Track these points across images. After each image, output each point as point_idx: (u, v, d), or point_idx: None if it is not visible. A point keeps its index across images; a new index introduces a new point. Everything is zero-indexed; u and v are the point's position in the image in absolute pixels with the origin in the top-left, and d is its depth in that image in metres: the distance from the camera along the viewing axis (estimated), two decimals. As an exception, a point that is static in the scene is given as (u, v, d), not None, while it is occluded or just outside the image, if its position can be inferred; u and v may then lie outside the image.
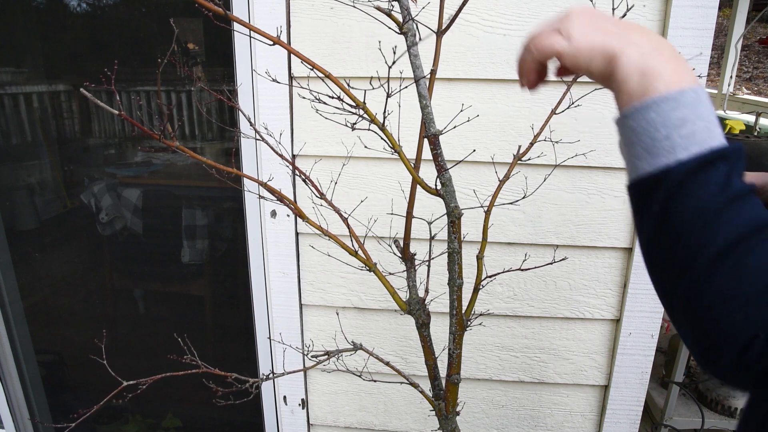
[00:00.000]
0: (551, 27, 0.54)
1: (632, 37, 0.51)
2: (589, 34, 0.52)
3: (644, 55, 0.50)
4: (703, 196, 0.45)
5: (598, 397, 1.54)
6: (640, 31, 0.52)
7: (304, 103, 1.34)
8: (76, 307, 2.06)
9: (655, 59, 0.49)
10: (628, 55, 0.50)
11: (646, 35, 0.52)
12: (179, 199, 1.94)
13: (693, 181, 0.45)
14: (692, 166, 0.45)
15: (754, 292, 0.43)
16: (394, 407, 1.63)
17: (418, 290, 1.02)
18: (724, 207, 0.44)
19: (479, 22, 1.25)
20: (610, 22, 0.52)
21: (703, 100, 0.48)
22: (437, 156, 0.87)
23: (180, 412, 2.05)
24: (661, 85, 0.48)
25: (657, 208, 0.47)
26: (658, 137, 0.47)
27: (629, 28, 0.52)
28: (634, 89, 0.49)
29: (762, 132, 3.08)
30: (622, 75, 0.50)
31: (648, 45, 0.50)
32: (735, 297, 0.43)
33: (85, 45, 1.79)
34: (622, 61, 0.50)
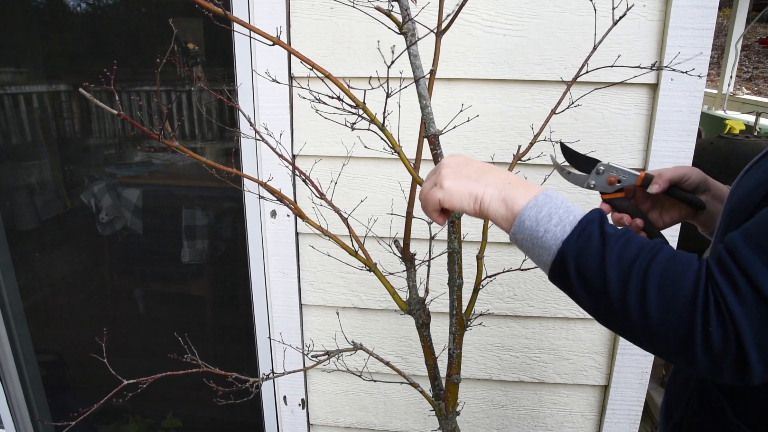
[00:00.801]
0: (431, 182, 0.69)
1: (487, 179, 0.65)
2: (456, 184, 0.66)
3: (499, 188, 0.64)
4: (593, 252, 0.57)
5: (598, 397, 1.54)
6: (491, 172, 0.67)
7: (304, 103, 1.35)
8: (76, 307, 2.06)
9: (508, 188, 0.64)
10: (488, 194, 0.64)
11: (496, 173, 0.66)
12: (179, 199, 1.94)
13: (582, 246, 0.57)
14: (574, 237, 0.58)
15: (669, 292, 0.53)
16: (394, 407, 1.63)
17: (418, 290, 1.02)
18: (613, 249, 0.56)
19: (479, 22, 1.25)
20: (470, 169, 0.67)
21: (553, 196, 0.62)
22: (437, 156, 0.87)
23: (180, 412, 2.05)
24: (520, 201, 0.62)
25: (574, 279, 0.58)
26: (540, 235, 0.60)
27: (483, 171, 0.67)
28: (504, 214, 0.63)
29: (762, 132, 3.08)
30: (492, 209, 0.64)
31: (499, 181, 0.65)
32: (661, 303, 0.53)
33: (85, 45, 1.79)
34: (485, 199, 0.64)
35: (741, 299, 0.50)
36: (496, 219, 0.65)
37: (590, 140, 1.30)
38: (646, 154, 1.29)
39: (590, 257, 0.57)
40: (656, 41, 1.23)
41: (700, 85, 1.21)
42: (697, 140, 1.27)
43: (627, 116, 1.28)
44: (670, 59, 1.19)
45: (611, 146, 1.30)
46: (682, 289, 0.52)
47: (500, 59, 1.27)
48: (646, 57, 1.24)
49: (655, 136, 1.26)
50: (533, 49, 1.26)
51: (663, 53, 1.21)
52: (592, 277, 0.57)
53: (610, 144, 1.30)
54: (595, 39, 1.00)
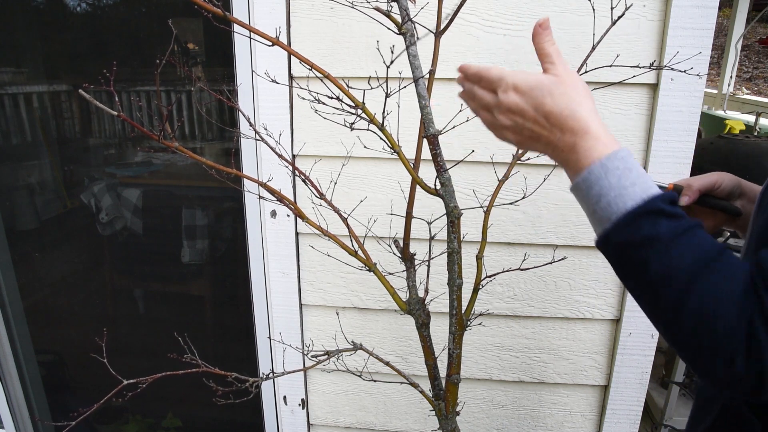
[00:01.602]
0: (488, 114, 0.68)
1: (548, 140, 0.63)
2: (522, 145, 0.67)
3: (558, 151, 0.63)
4: (635, 250, 0.54)
5: (598, 397, 1.54)
6: (549, 128, 0.62)
7: (303, 103, 1.35)
8: (76, 307, 2.06)
9: (566, 154, 0.62)
10: (551, 154, 0.64)
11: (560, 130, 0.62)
12: (179, 199, 1.94)
13: (627, 241, 0.54)
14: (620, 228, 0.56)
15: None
16: (394, 407, 1.63)
17: (418, 290, 1.02)
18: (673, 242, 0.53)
19: (479, 22, 1.25)
20: (531, 123, 0.62)
21: (610, 169, 0.57)
22: (436, 156, 0.87)
23: (180, 412, 2.05)
24: (571, 172, 0.63)
25: (616, 265, 0.59)
26: (590, 209, 0.60)
27: (543, 127, 0.62)
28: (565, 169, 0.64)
29: (762, 132, 3.08)
30: (558, 162, 0.64)
31: (562, 138, 0.62)
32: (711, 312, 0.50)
33: (85, 45, 1.79)
34: (551, 154, 0.64)
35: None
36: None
37: (590, 140, 1.30)
38: (646, 154, 1.29)
39: (632, 255, 0.54)
40: (656, 41, 1.22)
41: (700, 85, 1.21)
42: (697, 140, 1.27)
43: (627, 116, 1.28)
44: (669, 59, 1.19)
45: (611, 146, 1.30)
46: (723, 318, 0.49)
47: (500, 59, 1.27)
48: (645, 57, 1.24)
49: (655, 136, 1.26)
50: (533, 49, 1.26)
51: (663, 53, 1.21)
52: (633, 273, 0.55)
53: (610, 144, 1.30)
54: (594, 39, 1.00)
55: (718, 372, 0.50)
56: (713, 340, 0.49)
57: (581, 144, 0.59)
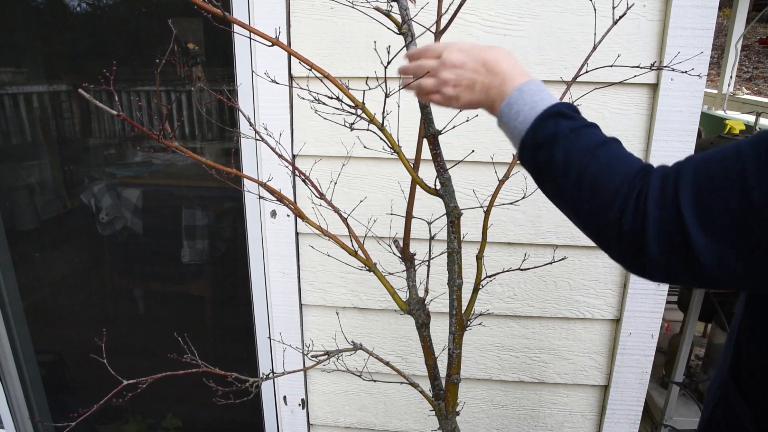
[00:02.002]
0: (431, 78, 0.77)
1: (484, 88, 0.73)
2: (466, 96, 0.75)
3: (486, 88, 0.73)
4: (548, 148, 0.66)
5: (598, 397, 1.54)
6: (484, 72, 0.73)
7: (303, 103, 1.35)
8: (76, 307, 2.06)
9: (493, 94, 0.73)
10: (485, 103, 0.74)
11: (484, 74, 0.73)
12: (179, 199, 1.94)
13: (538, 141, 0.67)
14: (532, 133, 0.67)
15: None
16: (394, 407, 1.63)
17: (417, 290, 1.02)
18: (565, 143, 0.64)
19: (479, 22, 1.25)
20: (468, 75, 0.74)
21: (525, 90, 0.69)
22: (437, 156, 0.87)
23: (180, 412, 2.05)
24: (497, 99, 0.72)
25: (531, 167, 0.73)
26: (512, 128, 0.71)
27: (476, 72, 0.73)
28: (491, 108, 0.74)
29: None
30: (487, 108, 0.75)
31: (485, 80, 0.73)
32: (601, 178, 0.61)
33: (85, 45, 1.79)
34: (484, 105, 0.75)
35: (662, 202, 0.57)
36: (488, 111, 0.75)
37: (590, 140, 1.30)
38: (646, 154, 1.29)
39: (542, 155, 0.66)
40: (656, 41, 1.22)
41: (700, 85, 1.21)
42: (697, 140, 1.27)
43: (627, 116, 1.28)
44: (670, 59, 1.19)
45: (611, 146, 1.30)
46: (612, 180, 0.60)
47: (500, 59, 1.27)
48: (646, 57, 1.23)
49: (655, 136, 1.26)
50: (533, 49, 1.26)
51: (663, 53, 1.21)
52: (546, 172, 0.68)
53: (610, 144, 1.30)
54: (595, 39, 1.00)
55: (610, 237, 0.60)
56: (603, 200, 0.60)
57: (507, 79, 0.71)
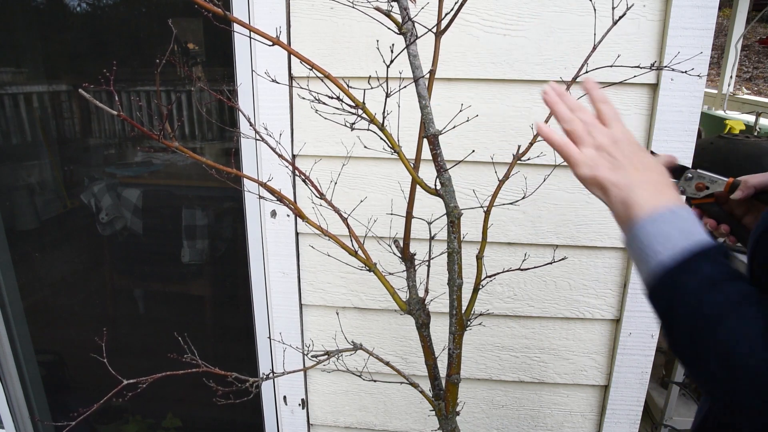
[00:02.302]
0: (583, 139, 0.65)
1: (628, 173, 0.61)
2: (597, 170, 0.63)
3: (628, 187, 0.61)
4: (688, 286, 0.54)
5: (598, 397, 1.54)
6: (637, 166, 0.62)
7: (304, 103, 1.35)
8: (76, 307, 2.06)
9: (636, 191, 0.60)
10: (615, 194, 0.61)
11: (641, 170, 0.62)
12: (179, 199, 1.94)
13: (680, 276, 0.54)
14: (674, 266, 0.55)
15: None
16: (394, 407, 1.63)
17: (418, 290, 1.02)
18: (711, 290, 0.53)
19: (479, 22, 1.25)
20: (622, 157, 0.62)
21: (680, 214, 0.57)
22: (437, 156, 0.87)
23: (180, 412, 2.05)
24: (639, 211, 0.58)
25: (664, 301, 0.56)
26: (648, 252, 0.57)
27: (631, 163, 0.62)
28: (624, 219, 0.61)
29: (762, 132, 3.08)
30: (613, 207, 0.62)
31: (637, 178, 0.61)
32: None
33: (85, 45, 1.79)
34: (611, 194, 0.62)
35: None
36: (615, 216, 0.63)
37: (590, 140, 1.30)
38: (646, 154, 1.29)
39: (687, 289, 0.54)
40: (656, 41, 1.22)
41: (700, 85, 1.21)
42: (697, 140, 1.27)
43: (627, 116, 1.28)
44: (670, 59, 1.19)
45: (611, 146, 1.30)
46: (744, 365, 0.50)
47: (500, 59, 1.27)
48: (646, 57, 1.24)
49: (655, 136, 1.26)
50: (533, 49, 1.26)
51: (663, 53, 1.21)
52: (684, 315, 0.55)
53: (610, 144, 1.30)
54: (594, 39, 1.00)
55: (741, 413, 0.51)
56: (741, 375, 0.50)
57: (657, 191, 0.60)
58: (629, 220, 0.59)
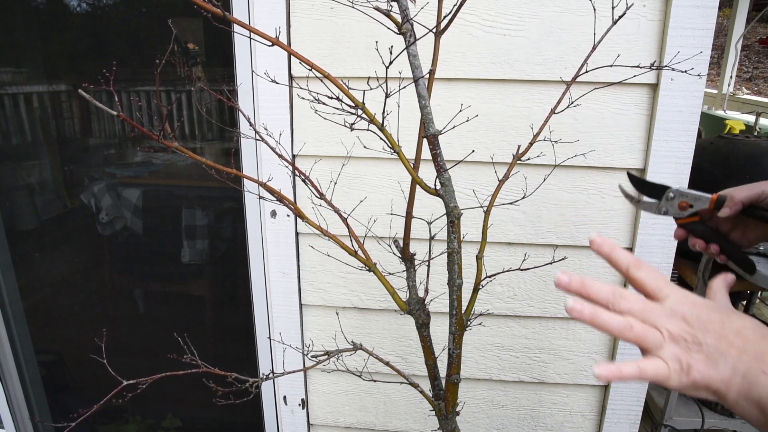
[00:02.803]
0: (652, 341, 0.47)
1: (734, 363, 0.46)
2: (692, 371, 0.46)
3: (750, 383, 0.45)
4: None
5: (598, 397, 1.54)
6: (740, 346, 0.46)
7: (303, 103, 1.35)
8: (76, 307, 2.06)
9: (764, 383, 0.45)
10: (735, 390, 0.46)
11: (747, 349, 0.46)
12: (179, 199, 1.94)
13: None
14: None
15: None
16: (394, 407, 1.63)
17: (417, 290, 1.02)
18: None
19: (479, 22, 1.25)
20: (712, 339, 0.46)
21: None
22: (436, 156, 0.87)
23: (180, 412, 2.05)
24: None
25: None
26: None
27: (730, 344, 0.46)
28: (763, 420, 0.45)
29: (762, 132, 3.08)
30: (740, 410, 0.46)
31: (752, 365, 0.45)
32: None
33: (85, 45, 1.79)
34: (730, 397, 0.46)
35: None
36: (745, 418, 0.47)
37: (590, 140, 1.30)
38: (646, 154, 1.29)
39: None
40: (656, 41, 1.22)
41: (700, 85, 1.21)
42: (697, 140, 1.27)
43: (627, 116, 1.28)
44: (669, 59, 1.19)
45: (611, 146, 1.30)
46: None
47: (500, 59, 1.27)
48: (646, 57, 1.24)
49: (655, 136, 1.26)
50: (533, 49, 1.26)
51: (663, 53, 1.21)
52: None
53: (610, 144, 1.30)
54: (594, 39, 1.00)
55: None
56: None
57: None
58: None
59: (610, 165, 1.31)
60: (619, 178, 1.33)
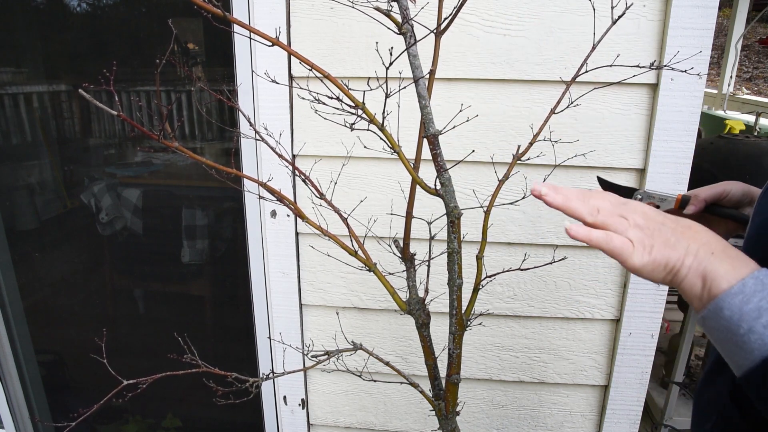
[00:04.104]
0: (619, 226, 0.56)
1: (687, 243, 0.54)
2: (653, 250, 0.54)
3: (699, 260, 0.53)
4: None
5: (598, 397, 1.54)
6: (691, 235, 0.55)
7: (304, 103, 1.35)
8: (76, 307, 2.06)
9: (709, 259, 0.52)
10: (687, 266, 0.53)
11: (697, 238, 0.54)
12: (179, 199, 1.94)
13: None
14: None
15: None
16: (394, 407, 1.63)
17: (418, 290, 1.02)
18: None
19: (479, 22, 1.25)
20: (667, 229, 0.55)
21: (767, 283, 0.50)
22: (437, 156, 0.87)
23: (180, 412, 2.05)
24: (722, 282, 0.51)
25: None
26: (741, 332, 0.49)
27: (682, 233, 0.55)
28: (699, 292, 0.53)
29: (762, 132, 3.08)
30: (687, 284, 0.54)
31: (701, 246, 0.53)
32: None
33: (85, 45, 1.79)
34: (682, 272, 0.53)
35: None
36: (686, 293, 0.55)
37: (590, 140, 1.30)
38: (646, 154, 1.29)
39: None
40: (656, 41, 1.23)
41: (700, 85, 1.21)
42: (697, 140, 1.27)
43: (627, 116, 1.28)
44: (670, 59, 1.19)
45: (611, 146, 1.30)
46: None
47: (500, 59, 1.27)
48: (646, 57, 1.24)
49: (655, 136, 1.26)
50: (533, 49, 1.26)
51: (663, 53, 1.21)
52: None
53: (610, 144, 1.30)
54: (594, 38, 1.00)
55: None
56: None
57: (728, 257, 0.52)
58: (709, 295, 0.52)
59: (610, 165, 1.32)
60: (620, 178, 1.33)
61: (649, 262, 0.54)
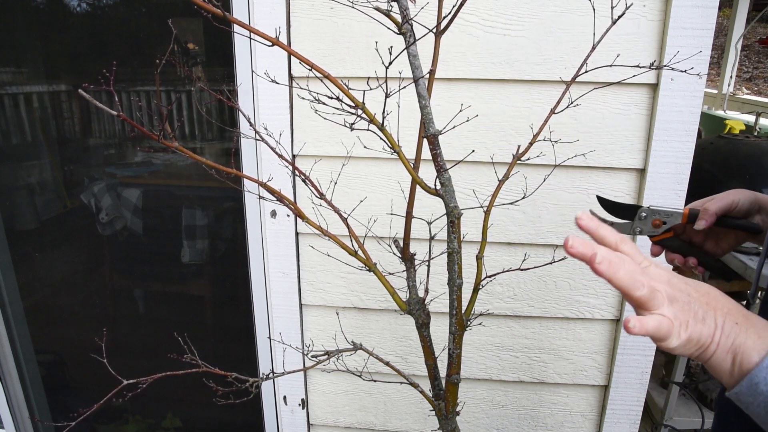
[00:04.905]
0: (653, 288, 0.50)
1: (714, 317, 0.51)
2: (688, 326, 0.50)
3: (727, 333, 0.50)
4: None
5: (598, 397, 1.54)
6: (714, 304, 0.52)
7: (304, 103, 1.35)
8: (76, 307, 2.06)
9: (737, 333, 0.50)
10: (716, 342, 0.50)
11: (719, 307, 0.52)
12: (179, 199, 1.94)
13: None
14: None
15: None
16: (394, 407, 1.63)
17: (418, 290, 1.02)
18: None
19: (479, 22, 1.25)
20: (695, 301, 0.51)
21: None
22: (437, 156, 0.87)
23: (180, 412, 2.05)
24: (753, 355, 0.49)
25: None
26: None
27: (708, 303, 0.52)
28: (732, 369, 0.50)
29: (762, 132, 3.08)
30: (715, 360, 0.51)
31: (726, 319, 0.51)
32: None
33: (85, 45, 1.79)
34: (711, 349, 0.50)
35: None
36: (715, 369, 0.51)
37: (590, 140, 1.30)
38: (646, 154, 1.29)
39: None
40: (656, 41, 1.23)
41: (700, 85, 1.21)
42: (697, 140, 1.27)
43: (627, 116, 1.28)
44: (670, 59, 1.19)
45: (611, 146, 1.30)
46: None
47: (500, 59, 1.27)
48: (646, 57, 1.24)
49: (655, 136, 1.26)
50: (533, 49, 1.26)
51: (663, 53, 1.21)
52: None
53: (610, 144, 1.30)
54: (594, 39, 1.00)
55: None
56: None
57: (751, 321, 0.51)
58: (740, 371, 0.49)
59: (610, 165, 1.32)
60: (620, 178, 1.33)
61: (684, 341, 0.50)
